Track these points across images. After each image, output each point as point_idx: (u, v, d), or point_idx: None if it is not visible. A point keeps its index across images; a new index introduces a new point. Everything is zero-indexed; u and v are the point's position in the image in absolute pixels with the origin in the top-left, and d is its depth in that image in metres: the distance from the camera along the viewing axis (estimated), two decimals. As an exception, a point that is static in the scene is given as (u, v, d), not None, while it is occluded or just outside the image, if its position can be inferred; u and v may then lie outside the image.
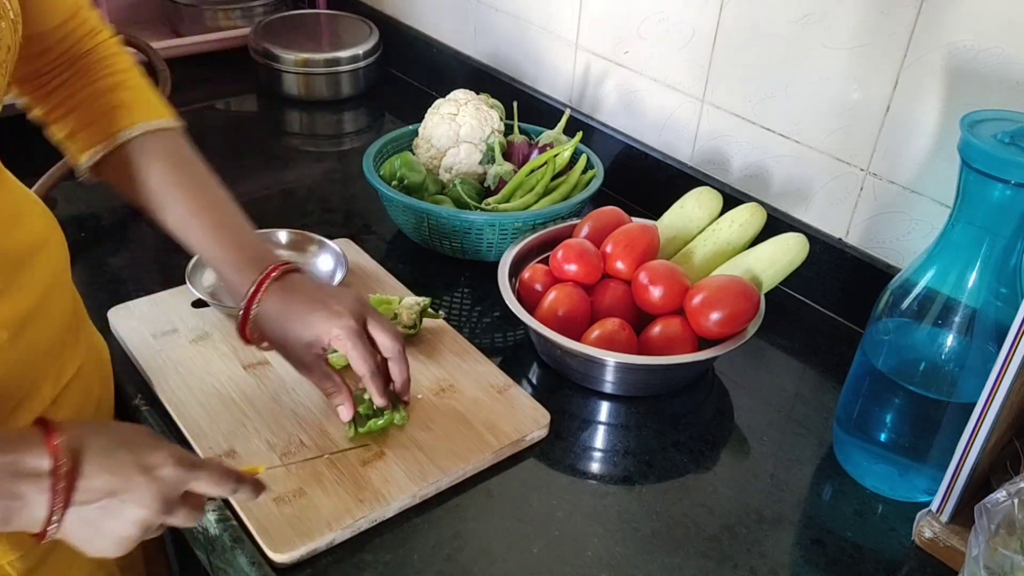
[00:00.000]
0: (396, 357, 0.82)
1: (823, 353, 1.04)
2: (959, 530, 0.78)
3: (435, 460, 0.83)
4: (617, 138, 1.31)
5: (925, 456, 0.82)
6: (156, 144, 0.80)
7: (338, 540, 0.76)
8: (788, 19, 1.05)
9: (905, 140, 0.98)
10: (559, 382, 0.96)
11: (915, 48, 0.94)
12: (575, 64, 1.35)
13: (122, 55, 0.82)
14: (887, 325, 0.80)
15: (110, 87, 0.80)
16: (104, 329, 0.97)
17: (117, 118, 0.79)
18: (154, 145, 0.80)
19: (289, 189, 1.30)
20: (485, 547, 0.77)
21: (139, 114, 0.80)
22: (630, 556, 0.77)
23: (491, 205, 1.12)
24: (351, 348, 0.78)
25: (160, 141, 0.81)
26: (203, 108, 1.57)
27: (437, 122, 1.20)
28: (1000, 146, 0.69)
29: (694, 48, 1.17)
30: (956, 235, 0.75)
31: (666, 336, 0.93)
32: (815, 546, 0.80)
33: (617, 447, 0.89)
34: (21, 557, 0.70)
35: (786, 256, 1.00)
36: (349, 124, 1.56)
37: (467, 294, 1.10)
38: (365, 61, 1.58)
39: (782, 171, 1.12)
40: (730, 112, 1.16)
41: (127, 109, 0.80)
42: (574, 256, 0.98)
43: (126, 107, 0.80)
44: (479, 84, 1.36)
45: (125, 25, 1.64)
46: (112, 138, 0.78)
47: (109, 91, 0.79)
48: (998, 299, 0.75)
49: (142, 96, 0.82)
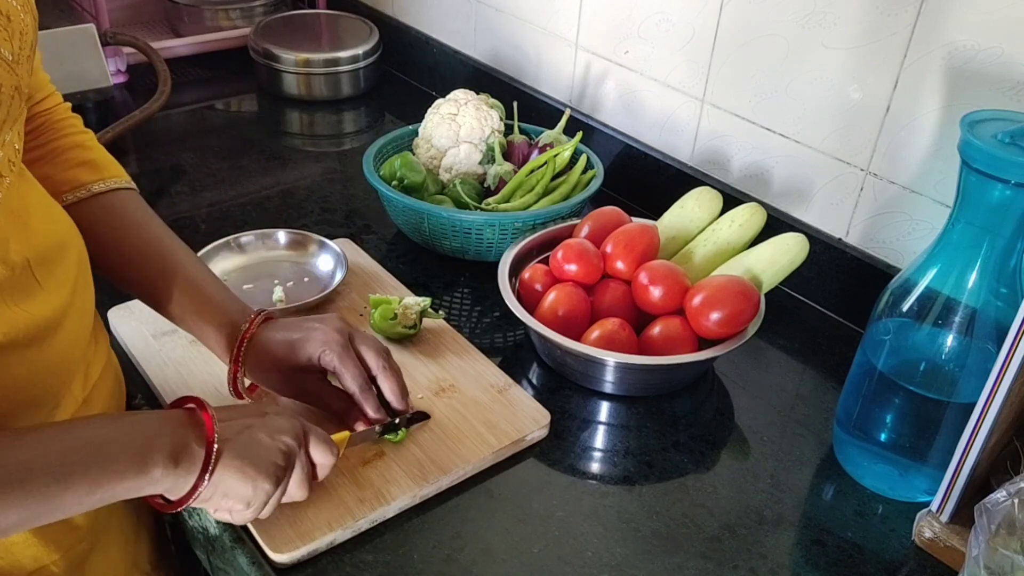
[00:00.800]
0: (381, 372, 0.83)
1: (823, 353, 1.04)
2: (959, 530, 0.78)
3: (435, 460, 0.83)
4: (617, 138, 1.31)
5: (925, 456, 0.82)
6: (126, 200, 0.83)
7: (338, 540, 0.76)
8: (788, 19, 1.05)
9: (905, 140, 0.98)
10: (559, 382, 0.96)
11: (915, 48, 0.94)
12: (575, 64, 1.35)
13: (76, 118, 0.85)
14: (887, 325, 0.80)
15: (75, 144, 0.82)
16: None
17: (86, 172, 0.81)
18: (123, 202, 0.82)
19: (289, 189, 1.30)
20: (485, 547, 0.77)
21: (108, 172, 0.83)
22: (630, 556, 0.77)
23: (491, 205, 1.12)
24: (339, 364, 0.80)
25: (130, 198, 0.84)
26: (203, 108, 1.57)
27: (437, 122, 1.20)
28: (1000, 146, 0.69)
29: (694, 48, 1.17)
30: (956, 235, 0.75)
31: (666, 336, 0.93)
32: (815, 546, 0.80)
33: (617, 447, 0.89)
34: (63, 557, 0.71)
35: (786, 256, 1.00)
36: (349, 124, 1.56)
37: (467, 294, 1.10)
38: (365, 61, 1.58)
39: (782, 171, 1.12)
40: (730, 112, 1.16)
41: (95, 166, 0.82)
42: (574, 256, 0.98)
43: (94, 165, 0.82)
44: (479, 84, 1.36)
45: (125, 25, 1.64)
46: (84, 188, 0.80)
47: (74, 148, 0.82)
48: (998, 299, 0.75)
49: (107, 158, 0.84)
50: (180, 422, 0.67)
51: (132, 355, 0.94)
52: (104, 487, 0.61)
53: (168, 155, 1.38)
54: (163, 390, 0.89)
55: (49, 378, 0.68)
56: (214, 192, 1.28)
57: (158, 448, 0.64)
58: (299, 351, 0.81)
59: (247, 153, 1.40)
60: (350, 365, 0.80)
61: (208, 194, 1.27)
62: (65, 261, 0.71)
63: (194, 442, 0.66)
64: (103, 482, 0.61)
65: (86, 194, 0.80)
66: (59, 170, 0.80)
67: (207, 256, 1.06)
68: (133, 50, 1.50)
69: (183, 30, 1.68)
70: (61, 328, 0.68)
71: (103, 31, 1.42)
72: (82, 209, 0.79)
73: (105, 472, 0.61)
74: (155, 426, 0.65)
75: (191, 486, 0.66)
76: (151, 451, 0.63)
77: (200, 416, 0.68)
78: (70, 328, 0.69)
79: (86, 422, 0.65)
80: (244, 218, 1.21)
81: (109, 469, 0.61)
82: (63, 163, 0.80)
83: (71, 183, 0.80)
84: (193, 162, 1.36)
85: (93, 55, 1.36)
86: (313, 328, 0.81)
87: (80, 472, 0.59)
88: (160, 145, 1.41)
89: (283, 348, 0.81)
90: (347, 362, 0.80)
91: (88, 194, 0.80)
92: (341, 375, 0.81)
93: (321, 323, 0.82)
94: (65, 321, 0.68)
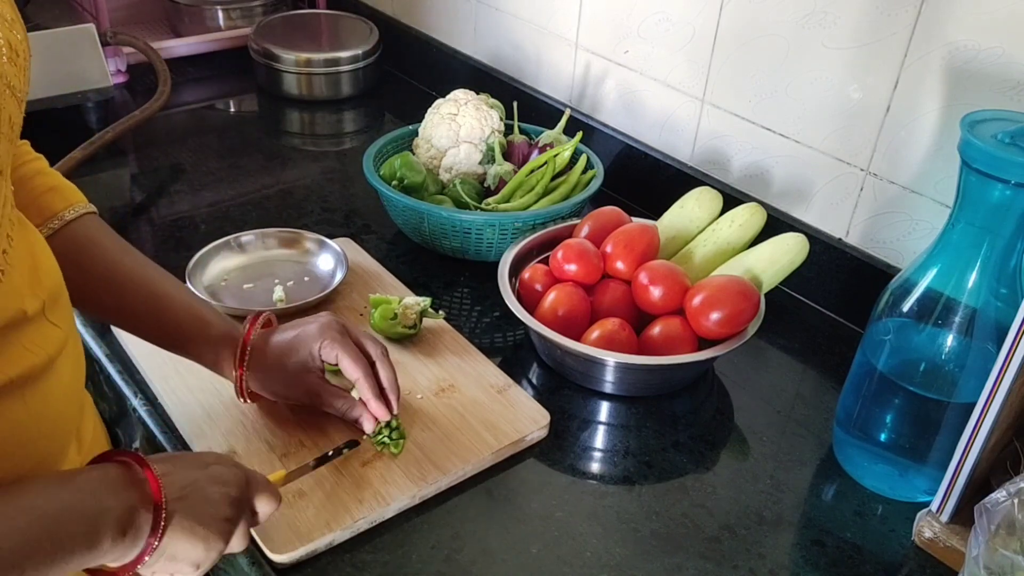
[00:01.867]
0: (380, 360, 0.83)
1: (823, 353, 1.04)
2: (959, 530, 0.78)
3: (435, 460, 0.83)
4: (617, 138, 1.31)
5: (925, 456, 0.82)
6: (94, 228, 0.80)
7: (338, 540, 0.76)
8: (788, 19, 1.04)
9: (905, 140, 0.98)
10: (559, 382, 0.96)
11: (915, 48, 0.94)
12: (575, 64, 1.35)
13: (25, 143, 0.81)
14: (887, 325, 0.80)
15: (36, 171, 0.79)
16: (105, 329, 0.97)
17: (56, 200, 0.78)
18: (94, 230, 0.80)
19: (289, 189, 1.30)
20: (485, 547, 0.77)
21: (73, 197, 0.80)
22: (629, 557, 0.77)
23: (491, 205, 1.12)
24: (341, 351, 0.81)
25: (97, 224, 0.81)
26: (203, 108, 1.57)
27: (437, 122, 1.20)
28: (1000, 146, 0.69)
29: (694, 48, 1.17)
30: (956, 235, 0.75)
31: (666, 336, 0.93)
32: (815, 547, 0.80)
33: (617, 447, 0.89)
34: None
35: (786, 256, 1.00)
36: (349, 124, 1.56)
37: (467, 294, 1.10)
38: (365, 61, 1.58)
39: (782, 171, 1.12)
40: (730, 112, 1.16)
41: (61, 193, 0.79)
42: (574, 256, 0.98)
43: (60, 191, 0.79)
44: (479, 84, 1.36)
45: (125, 25, 1.64)
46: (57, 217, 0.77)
47: (37, 175, 0.78)
48: (998, 299, 0.75)
49: (65, 181, 0.81)
50: (123, 483, 0.61)
51: (132, 355, 0.94)
52: (56, 566, 0.56)
53: (168, 155, 1.38)
54: (163, 391, 0.89)
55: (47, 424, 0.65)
56: (214, 192, 1.28)
57: (105, 517, 0.59)
58: (299, 348, 0.81)
59: (247, 153, 1.40)
60: (351, 352, 0.81)
61: (208, 194, 1.27)
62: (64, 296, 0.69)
63: (140, 505, 0.61)
64: (55, 562, 0.56)
65: (59, 224, 0.77)
66: (29, 200, 0.76)
67: (207, 256, 1.06)
68: (133, 50, 1.50)
69: (183, 30, 1.68)
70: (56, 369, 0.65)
71: (103, 31, 1.42)
72: (56, 241, 0.76)
73: (57, 550, 0.56)
74: (100, 491, 0.60)
75: (137, 554, 0.61)
76: (99, 521, 0.58)
77: (141, 474, 0.62)
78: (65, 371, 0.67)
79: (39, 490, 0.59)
80: (244, 218, 1.21)
81: (60, 547, 0.56)
82: (30, 192, 0.77)
83: (43, 213, 0.77)
84: (193, 162, 1.36)
85: (93, 55, 1.36)
86: (308, 323, 0.83)
87: (32, 555, 0.55)
88: (160, 145, 1.41)
89: (282, 348, 0.81)
90: (348, 350, 0.81)
91: (61, 223, 0.77)
92: (343, 362, 0.81)
93: (316, 319, 0.83)
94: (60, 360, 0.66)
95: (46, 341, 0.63)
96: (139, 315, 0.81)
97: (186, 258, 1.04)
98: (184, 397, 0.88)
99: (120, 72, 1.55)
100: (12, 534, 0.55)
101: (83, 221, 0.79)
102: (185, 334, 0.82)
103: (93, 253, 0.79)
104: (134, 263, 0.81)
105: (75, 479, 0.61)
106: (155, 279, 0.82)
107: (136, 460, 0.63)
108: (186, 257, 1.05)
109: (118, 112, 1.42)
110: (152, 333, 0.82)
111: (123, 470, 0.62)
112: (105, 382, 0.94)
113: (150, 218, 1.22)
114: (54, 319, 0.65)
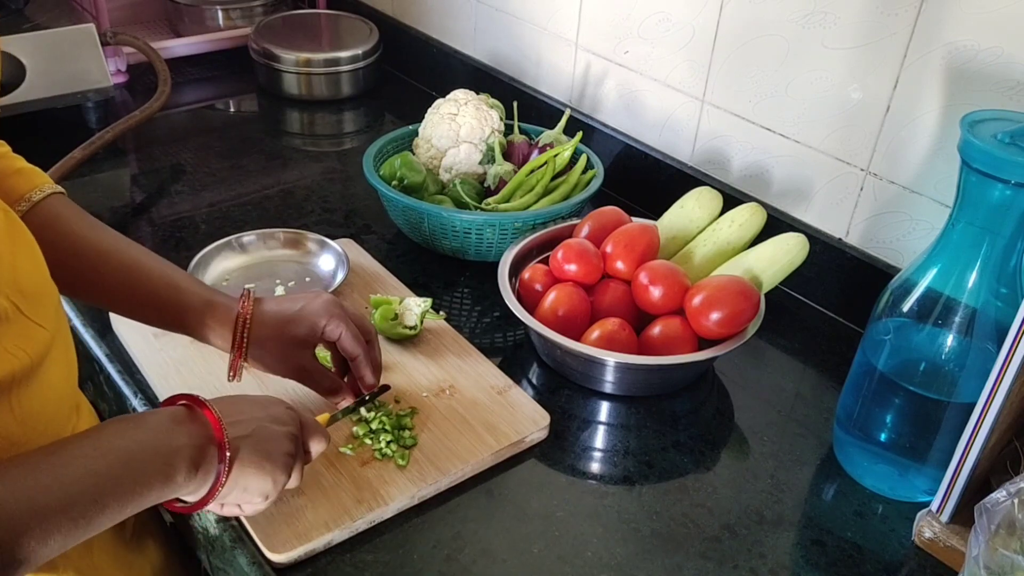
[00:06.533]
0: (374, 339, 0.87)
1: (823, 353, 1.04)
2: (959, 530, 0.78)
3: (434, 461, 0.83)
4: (617, 138, 1.31)
5: (925, 456, 0.82)
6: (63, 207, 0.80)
7: (337, 540, 0.76)
8: (788, 19, 1.04)
9: (905, 140, 0.98)
10: (559, 382, 0.96)
11: (915, 48, 0.94)
12: (575, 64, 1.35)
13: None
14: (887, 325, 0.80)
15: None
16: (105, 329, 0.97)
17: (21, 182, 0.78)
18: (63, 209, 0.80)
19: (289, 189, 1.30)
20: (485, 547, 0.77)
21: (38, 178, 0.80)
22: (630, 556, 0.77)
23: (491, 205, 1.12)
24: (344, 331, 0.82)
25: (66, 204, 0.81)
26: (203, 108, 1.57)
27: (437, 122, 1.20)
28: (1000, 146, 0.69)
29: (694, 48, 1.17)
30: (956, 235, 0.75)
31: (666, 336, 0.93)
32: (815, 546, 0.80)
33: (617, 447, 0.89)
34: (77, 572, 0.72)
35: (786, 256, 1.00)
36: (349, 124, 1.56)
37: (467, 294, 1.10)
38: (365, 61, 1.58)
39: (782, 171, 1.12)
40: (730, 112, 1.16)
41: (26, 175, 0.79)
42: (574, 256, 0.98)
43: (24, 173, 0.79)
44: (479, 84, 1.36)
45: (125, 25, 1.64)
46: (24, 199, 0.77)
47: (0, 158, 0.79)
48: (998, 299, 0.75)
49: (29, 165, 0.81)
50: (191, 422, 0.66)
51: (132, 355, 0.94)
52: (135, 501, 0.61)
53: (168, 155, 1.38)
54: (163, 390, 0.89)
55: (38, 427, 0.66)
56: (214, 192, 1.28)
57: (178, 453, 0.64)
58: (299, 323, 0.82)
59: (247, 153, 1.40)
60: (353, 331, 0.83)
61: (208, 194, 1.27)
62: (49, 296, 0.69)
63: (208, 443, 0.66)
64: (134, 497, 0.61)
65: (27, 205, 0.77)
66: None
67: (208, 256, 1.06)
68: (133, 50, 1.50)
69: (183, 30, 1.68)
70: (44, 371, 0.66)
71: (103, 31, 1.42)
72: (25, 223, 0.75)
73: (135, 486, 0.61)
74: (170, 429, 0.65)
75: (210, 487, 0.66)
76: (173, 457, 0.63)
77: (203, 415, 0.67)
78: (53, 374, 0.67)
79: (114, 430, 0.64)
80: (244, 218, 1.21)
81: (139, 483, 0.61)
82: None
83: (9, 196, 0.76)
84: (193, 162, 1.36)
85: (93, 55, 1.36)
86: (311, 300, 0.83)
87: (114, 491, 0.60)
88: (160, 145, 1.41)
89: (280, 322, 0.82)
90: (351, 328, 0.83)
91: (29, 205, 0.77)
92: (344, 340, 0.83)
93: (317, 297, 0.84)
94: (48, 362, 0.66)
95: (29, 342, 0.63)
96: (115, 289, 0.81)
97: (187, 258, 1.04)
98: (184, 397, 0.88)
99: (120, 72, 1.55)
100: (93, 473, 0.59)
101: (50, 201, 0.79)
102: (163, 304, 0.81)
103: (63, 231, 0.78)
104: (105, 237, 0.81)
105: (147, 420, 0.66)
106: (127, 251, 0.81)
107: (196, 403, 0.68)
108: (187, 257, 1.05)
109: (118, 112, 1.42)
110: (130, 306, 0.82)
111: (188, 412, 0.67)
112: (105, 382, 0.94)
113: (150, 218, 1.21)
114: (38, 319, 0.65)
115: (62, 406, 0.71)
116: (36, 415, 0.65)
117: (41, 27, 1.32)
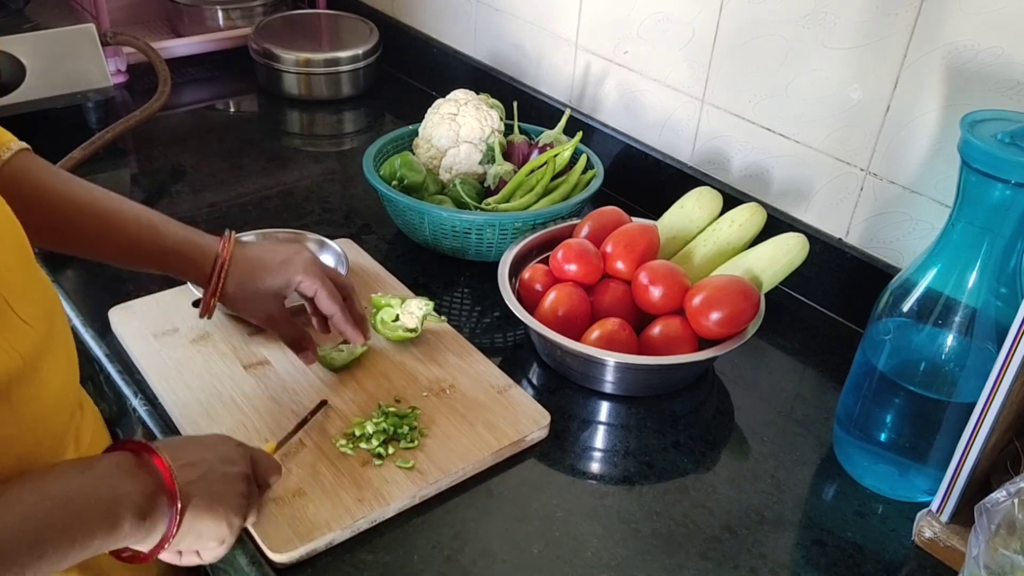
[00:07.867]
0: (350, 296, 0.89)
1: (823, 353, 1.04)
2: (959, 530, 0.78)
3: (435, 460, 0.83)
4: (617, 138, 1.31)
5: (925, 456, 0.82)
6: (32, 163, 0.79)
7: (337, 540, 0.76)
8: (788, 19, 1.05)
9: (905, 140, 0.98)
10: (559, 382, 0.96)
11: (915, 48, 0.94)
12: (575, 64, 1.35)
13: None
14: (887, 325, 0.80)
15: None
16: (105, 329, 0.97)
17: None
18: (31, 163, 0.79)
19: (289, 189, 1.30)
20: (485, 547, 0.77)
21: (3, 138, 0.79)
22: (630, 556, 0.77)
23: (491, 205, 1.12)
24: (320, 287, 0.85)
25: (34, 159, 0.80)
26: (203, 108, 1.57)
27: (437, 122, 1.20)
28: (1000, 146, 0.69)
29: (694, 48, 1.17)
30: (956, 235, 0.75)
31: (666, 336, 0.93)
32: (815, 546, 0.80)
33: (617, 447, 0.89)
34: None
35: (786, 256, 1.00)
36: (349, 124, 1.56)
37: (467, 294, 1.10)
38: (365, 61, 1.58)
39: (782, 171, 1.12)
40: (730, 112, 1.16)
41: None
42: (574, 256, 0.98)
43: None
44: (479, 84, 1.36)
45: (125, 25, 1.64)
46: None
47: None
48: (998, 299, 0.75)
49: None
50: (137, 469, 0.64)
51: (132, 355, 0.94)
52: (77, 549, 0.59)
53: (168, 155, 1.38)
54: (163, 390, 0.89)
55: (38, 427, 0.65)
56: (214, 192, 1.28)
57: (121, 502, 0.61)
58: (277, 273, 0.84)
59: (247, 153, 1.40)
60: (328, 289, 0.85)
61: (208, 194, 1.27)
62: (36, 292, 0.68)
63: (158, 490, 0.63)
64: (75, 545, 0.59)
65: None
66: None
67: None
68: (133, 50, 1.50)
69: (183, 30, 1.68)
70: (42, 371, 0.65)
71: (103, 31, 1.42)
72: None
73: (76, 533, 0.59)
74: (114, 476, 0.62)
75: (162, 535, 0.64)
76: (116, 506, 0.61)
77: (152, 462, 0.64)
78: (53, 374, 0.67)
79: (57, 476, 0.61)
80: (244, 218, 1.21)
81: (80, 531, 0.59)
82: None
83: None
84: (193, 162, 1.36)
85: (93, 55, 1.36)
86: (291, 256, 0.85)
87: (52, 539, 0.57)
88: (160, 145, 1.41)
89: (260, 266, 0.84)
90: (326, 286, 0.85)
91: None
92: (319, 298, 0.85)
93: (297, 253, 0.86)
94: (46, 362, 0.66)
95: (19, 340, 0.63)
96: (93, 237, 0.81)
97: (186, 258, 1.04)
98: (184, 397, 0.88)
99: (120, 72, 1.55)
100: (31, 519, 0.57)
101: (19, 157, 0.78)
102: (143, 247, 0.82)
103: (35, 185, 0.78)
104: (79, 188, 0.81)
105: (92, 466, 0.63)
106: (102, 200, 0.82)
107: (144, 449, 0.65)
108: (186, 257, 1.05)
109: (118, 112, 1.42)
110: (112, 254, 0.83)
111: (136, 460, 0.65)
112: (105, 382, 0.94)
113: (150, 218, 1.21)
114: (25, 316, 0.64)
115: (62, 407, 0.70)
116: (35, 415, 0.65)
117: (41, 27, 1.32)
